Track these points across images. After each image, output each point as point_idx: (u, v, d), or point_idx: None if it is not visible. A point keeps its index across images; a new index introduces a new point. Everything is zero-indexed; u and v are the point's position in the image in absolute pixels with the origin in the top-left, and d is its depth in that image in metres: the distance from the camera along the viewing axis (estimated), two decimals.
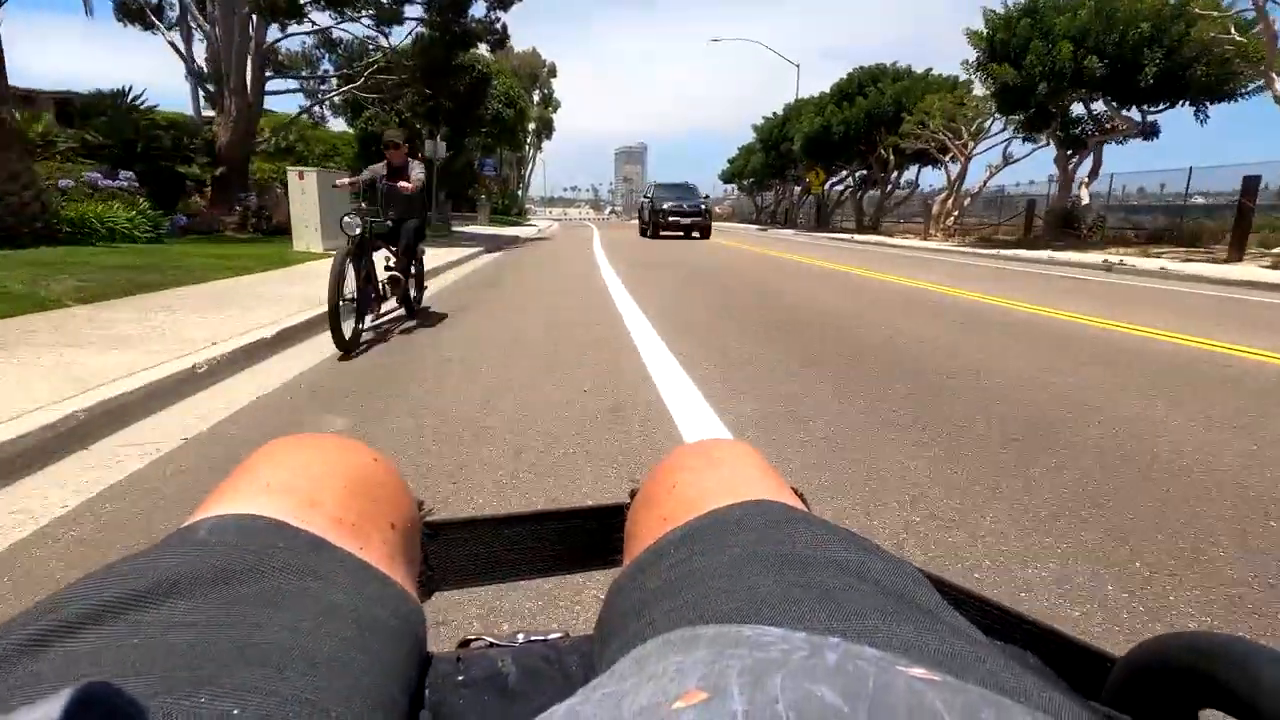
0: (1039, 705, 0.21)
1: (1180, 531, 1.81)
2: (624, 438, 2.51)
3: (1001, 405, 2.96)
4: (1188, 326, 5.13)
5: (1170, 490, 2.08)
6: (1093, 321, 5.33)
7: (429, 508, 0.48)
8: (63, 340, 3.34)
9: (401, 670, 0.30)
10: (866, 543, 0.33)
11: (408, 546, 0.40)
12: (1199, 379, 3.50)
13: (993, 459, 2.32)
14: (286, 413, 2.77)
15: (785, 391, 3.22)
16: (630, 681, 0.21)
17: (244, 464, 0.38)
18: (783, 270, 10.22)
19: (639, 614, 0.30)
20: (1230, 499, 2.02)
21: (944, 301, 6.63)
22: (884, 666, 0.19)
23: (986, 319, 5.51)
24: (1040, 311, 5.86)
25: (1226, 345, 4.38)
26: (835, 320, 5.54)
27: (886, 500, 1.99)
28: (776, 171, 34.30)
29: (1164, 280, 9.22)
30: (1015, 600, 1.47)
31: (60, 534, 1.71)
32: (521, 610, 1.36)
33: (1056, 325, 5.21)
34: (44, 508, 1.84)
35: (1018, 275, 9.81)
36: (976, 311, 5.96)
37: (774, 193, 43.64)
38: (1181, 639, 0.27)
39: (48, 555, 1.61)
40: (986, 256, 13.97)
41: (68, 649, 0.23)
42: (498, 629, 0.62)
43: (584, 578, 1.43)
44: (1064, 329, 5.02)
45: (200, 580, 0.27)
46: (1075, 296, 7.06)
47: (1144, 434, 2.60)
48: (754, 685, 0.17)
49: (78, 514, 1.81)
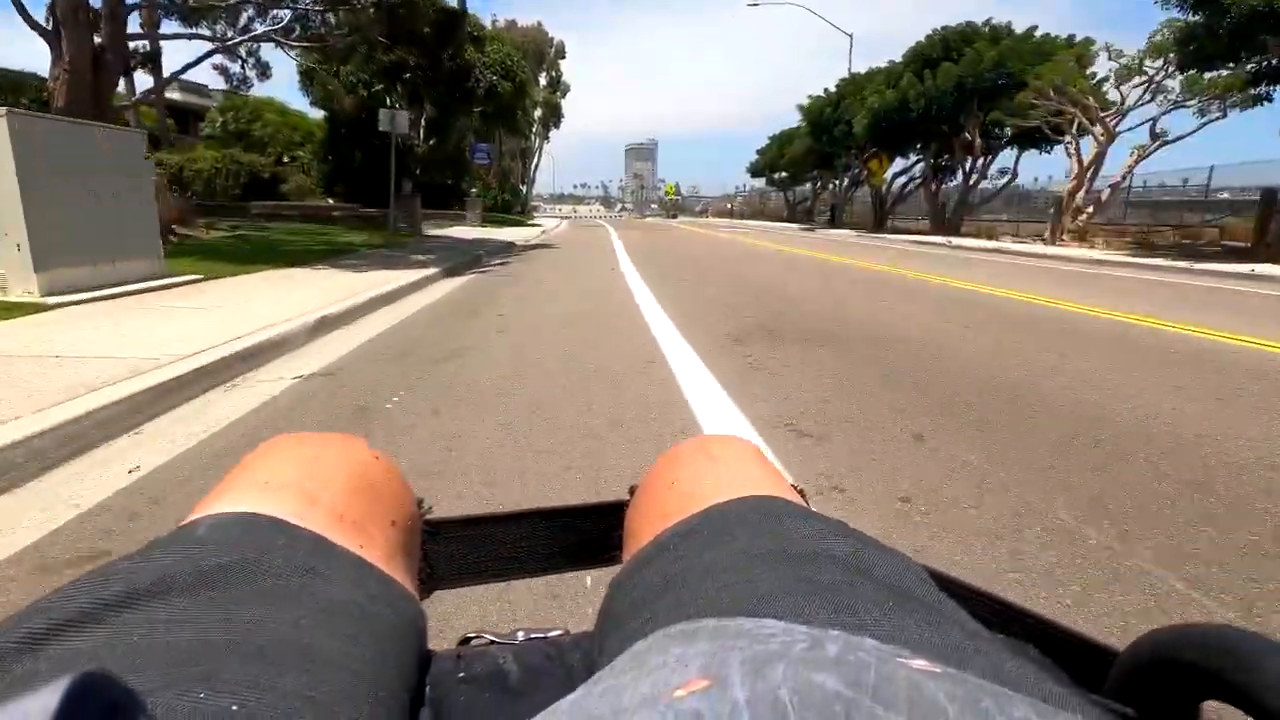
0: (1040, 696, 0.21)
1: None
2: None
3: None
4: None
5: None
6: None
7: (429, 505, 0.47)
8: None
9: (402, 667, 0.30)
10: (866, 538, 0.33)
11: (408, 544, 0.40)
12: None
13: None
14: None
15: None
16: (631, 674, 0.21)
17: (244, 462, 0.38)
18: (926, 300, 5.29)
19: (639, 610, 0.30)
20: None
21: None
22: (885, 658, 0.19)
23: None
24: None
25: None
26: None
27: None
28: (823, 160, 29.28)
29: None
30: None
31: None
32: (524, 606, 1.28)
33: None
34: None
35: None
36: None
37: (813, 186, 38.54)
38: (1183, 631, 0.27)
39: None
40: (1207, 274, 9.08)
41: (67, 646, 0.23)
42: (498, 626, 0.57)
43: (585, 575, 1.32)
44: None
45: (200, 578, 0.27)
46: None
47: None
48: (755, 674, 0.17)
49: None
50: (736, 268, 9.67)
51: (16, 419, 1.96)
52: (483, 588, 1.23)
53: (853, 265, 10.34)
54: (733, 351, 3.85)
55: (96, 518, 1.65)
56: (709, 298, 6.49)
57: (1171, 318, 5.13)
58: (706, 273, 8.90)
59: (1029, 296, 6.47)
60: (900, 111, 20.46)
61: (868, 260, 11.22)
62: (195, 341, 3.05)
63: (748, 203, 68.74)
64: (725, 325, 4.81)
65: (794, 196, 44.35)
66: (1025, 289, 7.11)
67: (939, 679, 0.17)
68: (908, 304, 6.13)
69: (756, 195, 67.63)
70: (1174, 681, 0.26)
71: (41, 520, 1.61)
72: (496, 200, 29.48)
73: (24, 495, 1.74)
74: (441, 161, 22.19)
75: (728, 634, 0.22)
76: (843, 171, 28.18)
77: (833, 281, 8.14)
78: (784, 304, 6.08)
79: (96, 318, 3.58)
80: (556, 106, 39.73)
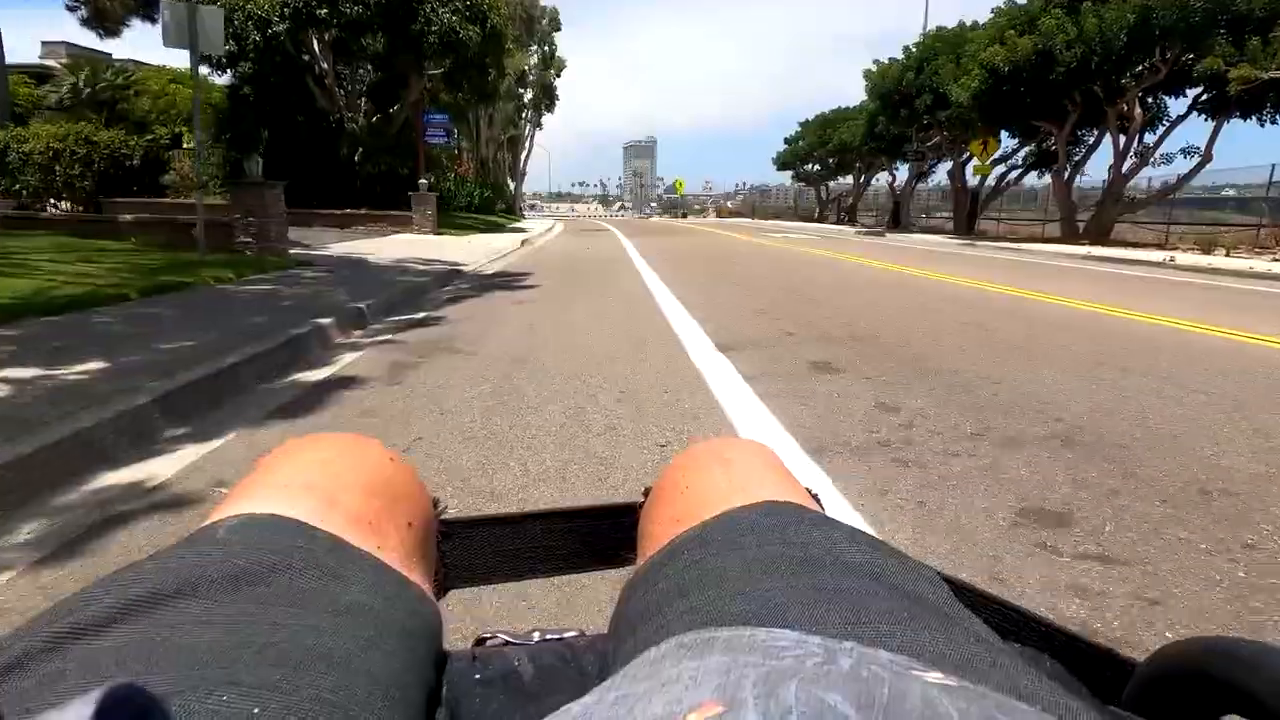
0: (1056, 710, 0.20)
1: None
2: None
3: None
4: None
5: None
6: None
7: (444, 506, 0.47)
8: None
9: (419, 669, 0.30)
10: (881, 545, 0.32)
11: (424, 545, 0.40)
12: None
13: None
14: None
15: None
16: (644, 685, 0.21)
17: (262, 463, 0.38)
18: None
19: (653, 615, 0.30)
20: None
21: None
22: (899, 672, 0.19)
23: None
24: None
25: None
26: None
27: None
28: (891, 145, 23.03)
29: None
30: None
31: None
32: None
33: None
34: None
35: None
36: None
37: (858, 179, 32.28)
38: (1203, 644, 0.26)
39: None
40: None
41: (90, 647, 0.23)
42: (514, 627, 0.44)
43: (600, 576, 1.27)
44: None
45: (220, 580, 0.27)
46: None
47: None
48: (768, 696, 0.17)
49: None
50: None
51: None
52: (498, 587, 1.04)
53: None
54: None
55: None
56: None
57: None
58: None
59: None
60: (1037, 69, 14.28)
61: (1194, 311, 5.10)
62: None
63: (734, 202, 66.67)
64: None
65: (826, 193, 38.15)
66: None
67: (953, 694, 0.17)
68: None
69: (757, 193, 64.96)
70: (1194, 694, 0.26)
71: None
72: (473, 197, 23.27)
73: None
74: (390, 144, 16.06)
75: (741, 647, 0.22)
76: (915, 159, 22.03)
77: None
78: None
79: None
80: (550, 86, 33.47)
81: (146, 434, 2.15)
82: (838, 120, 29.34)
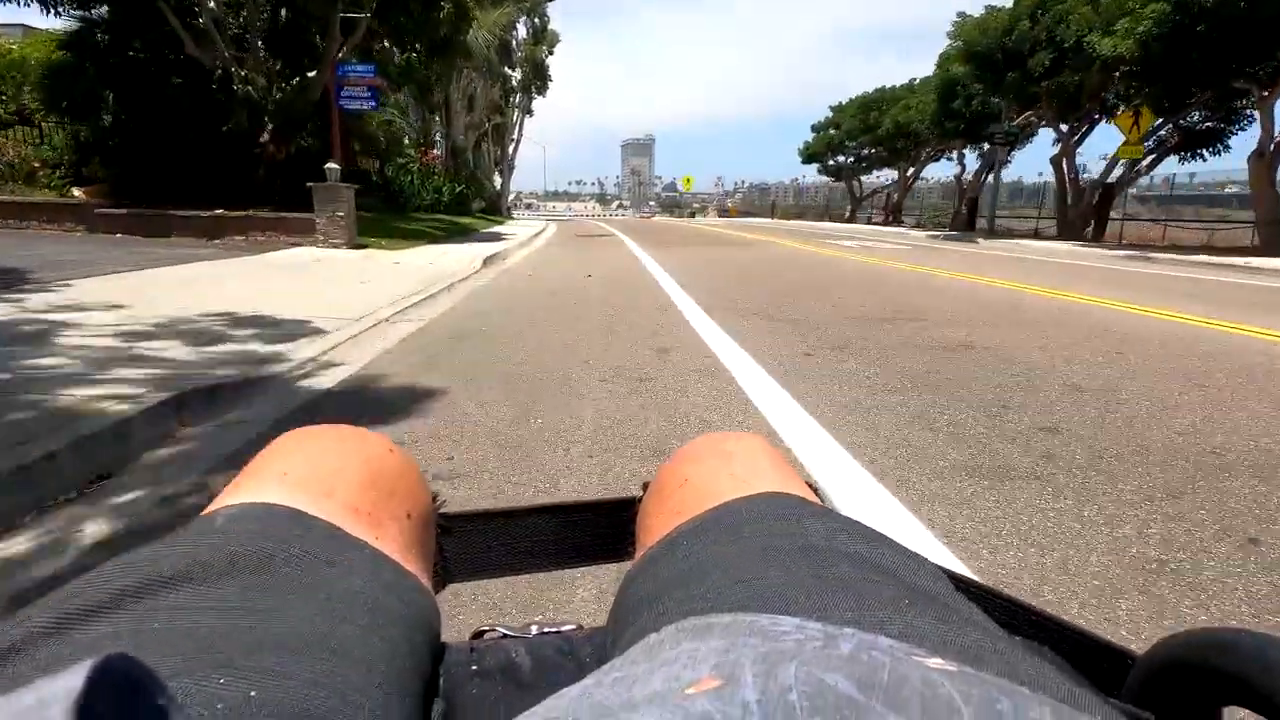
0: (1058, 697, 0.20)
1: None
2: None
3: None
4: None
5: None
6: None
7: (443, 500, 0.46)
8: None
9: (416, 658, 0.30)
10: (881, 537, 0.32)
11: (423, 537, 0.40)
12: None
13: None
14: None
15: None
16: (643, 667, 0.21)
17: (261, 454, 0.38)
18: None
19: (652, 604, 0.30)
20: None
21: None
22: (899, 656, 0.19)
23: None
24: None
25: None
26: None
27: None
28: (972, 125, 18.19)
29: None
30: None
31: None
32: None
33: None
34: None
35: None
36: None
37: (903, 172, 27.45)
38: (1204, 635, 0.26)
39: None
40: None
41: (89, 632, 0.24)
42: (511, 620, 0.54)
43: (599, 570, 1.30)
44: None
45: (218, 568, 0.27)
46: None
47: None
48: (767, 674, 0.17)
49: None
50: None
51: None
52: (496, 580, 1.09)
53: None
54: None
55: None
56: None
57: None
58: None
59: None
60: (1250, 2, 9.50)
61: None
62: None
63: (734, 201, 64.82)
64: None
65: (860, 188, 33.38)
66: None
67: (954, 678, 0.17)
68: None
69: (756, 193, 63.48)
70: (1194, 686, 0.26)
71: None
72: (441, 193, 18.42)
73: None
74: (304, 115, 11.28)
75: (741, 630, 0.21)
76: (1004, 141, 17.26)
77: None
78: None
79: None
80: (541, 64, 28.58)
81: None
82: (884, 101, 24.57)
